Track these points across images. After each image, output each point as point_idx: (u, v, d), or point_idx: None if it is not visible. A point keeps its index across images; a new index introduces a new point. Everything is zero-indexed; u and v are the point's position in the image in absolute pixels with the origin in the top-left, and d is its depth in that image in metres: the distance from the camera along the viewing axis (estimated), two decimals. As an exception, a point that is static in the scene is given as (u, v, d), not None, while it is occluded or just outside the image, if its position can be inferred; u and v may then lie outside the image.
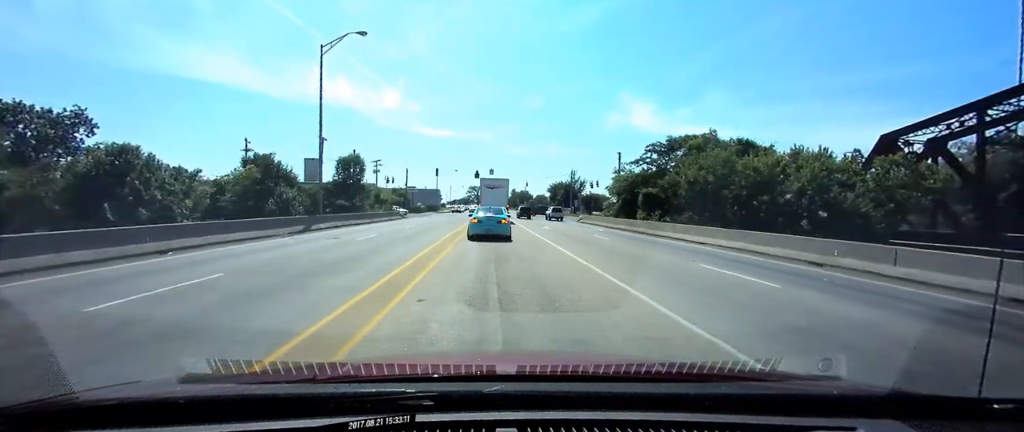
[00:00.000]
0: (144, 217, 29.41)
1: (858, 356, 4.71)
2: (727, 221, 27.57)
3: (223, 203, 35.40)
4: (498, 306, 6.57)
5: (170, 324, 5.43)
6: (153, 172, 32.75)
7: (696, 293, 8.49)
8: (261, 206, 34.19)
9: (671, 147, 41.70)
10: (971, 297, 8.45)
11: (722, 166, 28.61)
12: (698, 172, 28.82)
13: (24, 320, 5.66)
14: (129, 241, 12.17)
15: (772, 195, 26.10)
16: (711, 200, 28.95)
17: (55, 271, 9.00)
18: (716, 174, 28.08)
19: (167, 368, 2.21)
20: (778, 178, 26.97)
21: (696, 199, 29.78)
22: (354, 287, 7.74)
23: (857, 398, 1.41)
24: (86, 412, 1.21)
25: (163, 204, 31.58)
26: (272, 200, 33.64)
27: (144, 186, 31.62)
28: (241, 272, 9.45)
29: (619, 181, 45.27)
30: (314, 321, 5.56)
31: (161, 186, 32.24)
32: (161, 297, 6.88)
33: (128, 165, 31.52)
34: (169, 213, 31.44)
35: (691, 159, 31.00)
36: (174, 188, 32.92)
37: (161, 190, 32.10)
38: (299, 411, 1.19)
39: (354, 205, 37.81)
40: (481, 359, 2.20)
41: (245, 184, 34.99)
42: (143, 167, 32.27)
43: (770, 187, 26.48)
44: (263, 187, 34.74)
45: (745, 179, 27.58)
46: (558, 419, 1.18)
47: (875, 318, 6.79)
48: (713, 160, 29.06)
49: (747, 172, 27.58)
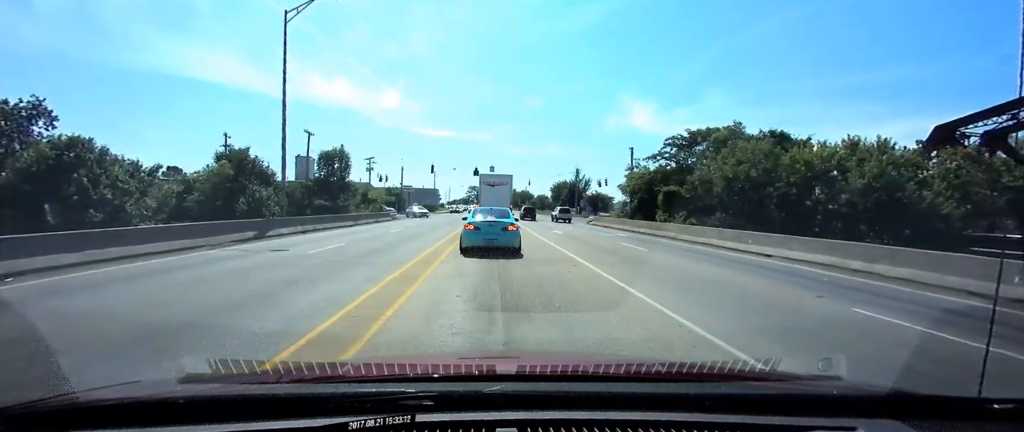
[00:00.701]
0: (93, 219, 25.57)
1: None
2: (771, 224, 23.40)
3: (189, 203, 31.26)
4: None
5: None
6: (105, 168, 28.57)
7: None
8: (231, 206, 30.12)
9: (693, 140, 37.50)
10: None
11: (764, 159, 24.42)
12: (737, 167, 24.60)
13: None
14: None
15: (830, 193, 21.91)
16: (751, 200, 24.76)
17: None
18: (759, 169, 23.88)
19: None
20: (832, 173, 22.82)
21: (733, 198, 25.57)
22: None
23: (857, 398, 1.39)
24: (86, 412, 1.20)
25: (114, 205, 27.37)
26: (243, 200, 29.43)
27: (93, 184, 27.37)
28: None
29: (633, 179, 40.98)
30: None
31: (113, 184, 28.01)
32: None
33: (79, 160, 27.43)
34: (122, 215, 27.40)
35: (726, 152, 26.75)
36: (128, 186, 28.63)
37: (113, 188, 27.85)
38: (299, 411, 1.18)
39: (337, 205, 33.30)
40: (481, 359, 2.14)
41: (214, 182, 30.77)
42: (94, 163, 28.11)
43: (827, 184, 22.30)
44: (235, 185, 30.56)
45: (794, 175, 23.40)
46: (558, 419, 1.16)
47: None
48: (753, 153, 24.86)
49: (796, 166, 23.40)
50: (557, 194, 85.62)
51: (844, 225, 21.67)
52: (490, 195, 44.13)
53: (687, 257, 14.26)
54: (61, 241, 10.25)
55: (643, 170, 41.63)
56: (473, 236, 12.83)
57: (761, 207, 24.75)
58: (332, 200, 33.41)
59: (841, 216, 21.79)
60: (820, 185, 22.92)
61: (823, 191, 22.51)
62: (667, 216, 32.17)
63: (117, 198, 27.21)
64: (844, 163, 22.84)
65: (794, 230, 22.11)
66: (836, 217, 21.93)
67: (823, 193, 22.20)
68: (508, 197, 46.08)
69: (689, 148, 38.01)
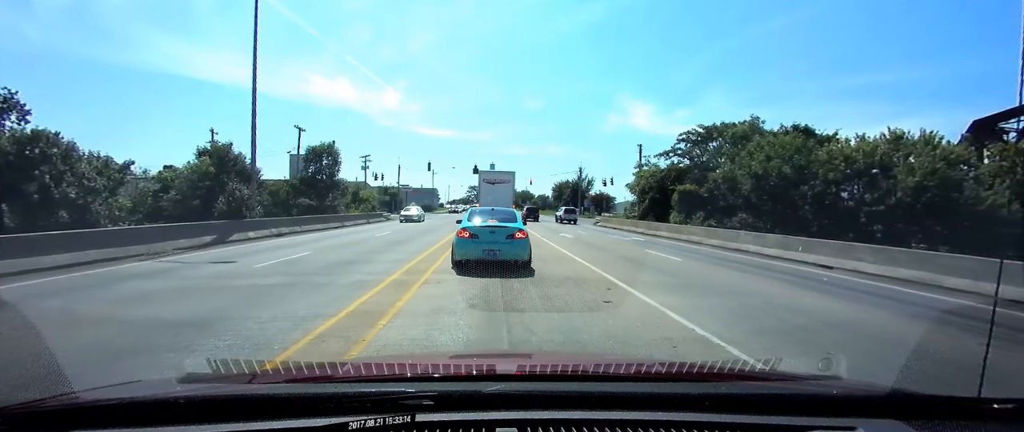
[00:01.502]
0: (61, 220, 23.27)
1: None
2: (804, 227, 20.99)
3: (165, 202, 28.89)
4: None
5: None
6: (71, 165, 26.19)
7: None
8: (210, 205, 27.76)
9: (708, 136, 35.04)
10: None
11: (797, 154, 22.00)
12: (768, 163, 22.16)
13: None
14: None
15: (876, 193, 19.49)
16: (782, 200, 22.35)
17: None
18: (794, 164, 21.45)
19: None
20: (874, 170, 20.42)
21: (762, 198, 23.13)
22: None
23: (857, 398, 1.37)
24: (86, 412, 1.19)
25: (78, 205, 24.97)
26: (222, 199, 27.02)
27: (55, 182, 24.95)
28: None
29: (643, 177, 38.45)
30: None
31: (79, 182, 25.59)
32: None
33: (43, 156, 25.05)
34: (88, 216, 25.04)
35: (753, 146, 24.31)
36: (95, 184, 26.19)
37: (78, 187, 25.42)
38: (299, 411, 1.16)
39: (324, 205, 30.52)
40: (481, 359, 2.09)
41: (192, 180, 28.34)
42: (59, 159, 25.72)
43: (870, 183, 19.88)
44: (215, 183, 28.11)
45: (832, 172, 20.98)
46: (558, 419, 1.15)
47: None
48: (785, 147, 22.43)
49: (834, 162, 20.98)
50: (559, 194, 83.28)
51: (886, 228, 19.29)
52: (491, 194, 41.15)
53: (737, 270, 11.65)
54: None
55: (653, 167, 39.13)
56: (468, 246, 9.88)
57: (792, 207, 22.35)
58: (319, 200, 30.62)
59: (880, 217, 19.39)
60: (860, 183, 20.52)
61: (864, 190, 20.10)
62: (682, 217, 29.74)
63: (81, 197, 24.79)
64: (887, 159, 20.44)
65: (832, 233, 19.75)
66: (880, 219, 19.54)
67: (867, 192, 19.77)
68: (510, 197, 43.09)
69: (704, 144, 35.53)
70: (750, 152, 24.02)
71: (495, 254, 9.75)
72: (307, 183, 30.63)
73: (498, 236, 9.98)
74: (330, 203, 31.30)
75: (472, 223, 10.41)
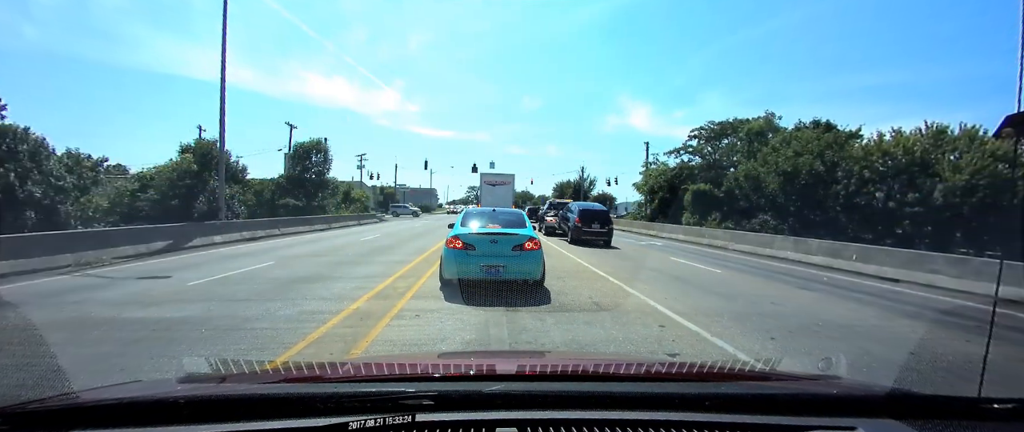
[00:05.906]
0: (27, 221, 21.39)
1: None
2: (837, 229, 19.17)
3: (142, 202, 26.91)
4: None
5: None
6: (39, 162, 24.26)
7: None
8: (190, 205, 25.83)
9: (721, 132, 33.21)
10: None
11: (829, 150, 20.16)
12: (797, 159, 20.30)
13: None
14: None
15: (920, 194, 17.65)
16: (811, 200, 20.49)
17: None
18: (826, 161, 19.61)
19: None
20: (914, 168, 18.60)
21: (790, 198, 21.27)
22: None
23: (857, 398, 1.35)
24: (86, 412, 1.17)
25: (44, 205, 23.01)
26: (203, 198, 25.09)
27: (20, 180, 22.98)
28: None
29: (651, 177, 36.56)
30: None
31: (46, 180, 23.64)
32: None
33: (10, 153, 23.14)
34: (55, 216, 23.12)
35: (778, 141, 22.45)
36: (65, 183, 24.23)
37: (45, 185, 23.47)
38: (299, 411, 1.15)
39: (312, 205, 28.41)
40: (482, 359, 2.07)
41: (171, 178, 26.36)
42: (26, 156, 23.78)
43: (914, 182, 18.04)
44: (197, 181, 26.18)
45: (867, 169, 19.16)
46: (558, 419, 1.14)
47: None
48: (815, 142, 20.58)
49: (871, 159, 19.15)
50: (560, 194, 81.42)
51: (934, 231, 17.48)
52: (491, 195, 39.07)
53: (800, 287, 9.49)
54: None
55: (662, 166, 37.26)
56: (461, 261, 7.51)
57: (821, 209, 20.51)
58: (307, 199, 28.54)
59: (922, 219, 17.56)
60: (898, 182, 18.69)
61: (904, 190, 18.26)
62: (697, 219, 27.89)
63: (48, 196, 22.83)
64: (928, 156, 18.63)
65: (868, 237, 17.94)
66: (923, 221, 17.72)
67: (908, 192, 17.94)
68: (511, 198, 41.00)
69: (716, 140, 33.69)
70: (774, 147, 22.18)
71: (498, 272, 7.43)
72: (294, 182, 28.51)
73: (502, 247, 7.59)
74: (318, 203, 29.22)
75: (467, 229, 7.93)
